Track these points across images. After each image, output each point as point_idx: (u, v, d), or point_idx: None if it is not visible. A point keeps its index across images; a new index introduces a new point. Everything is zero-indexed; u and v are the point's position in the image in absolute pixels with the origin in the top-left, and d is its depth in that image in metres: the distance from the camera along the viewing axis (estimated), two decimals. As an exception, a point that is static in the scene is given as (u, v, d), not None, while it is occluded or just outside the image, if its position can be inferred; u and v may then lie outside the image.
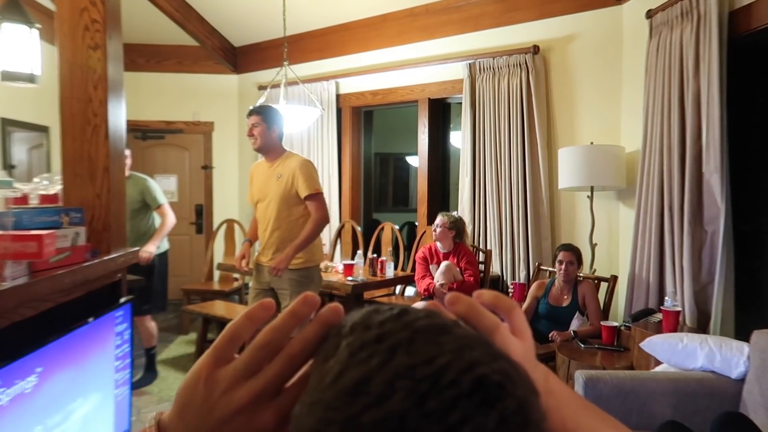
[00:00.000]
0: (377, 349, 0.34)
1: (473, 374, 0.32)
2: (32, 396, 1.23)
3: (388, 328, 0.35)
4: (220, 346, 0.43)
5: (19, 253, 1.28)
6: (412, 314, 0.36)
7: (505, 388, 0.32)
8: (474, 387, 0.31)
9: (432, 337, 0.34)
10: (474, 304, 0.45)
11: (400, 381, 0.32)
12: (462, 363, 0.32)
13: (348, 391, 0.32)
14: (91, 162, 1.89)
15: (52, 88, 1.94)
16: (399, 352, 0.33)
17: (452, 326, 0.36)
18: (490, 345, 0.36)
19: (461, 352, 0.33)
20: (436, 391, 0.31)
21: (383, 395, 0.31)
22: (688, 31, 3.07)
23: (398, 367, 0.32)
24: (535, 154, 4.23)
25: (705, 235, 3.03)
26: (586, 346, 3.15)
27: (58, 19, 1.88)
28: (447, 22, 4.75)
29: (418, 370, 0.32)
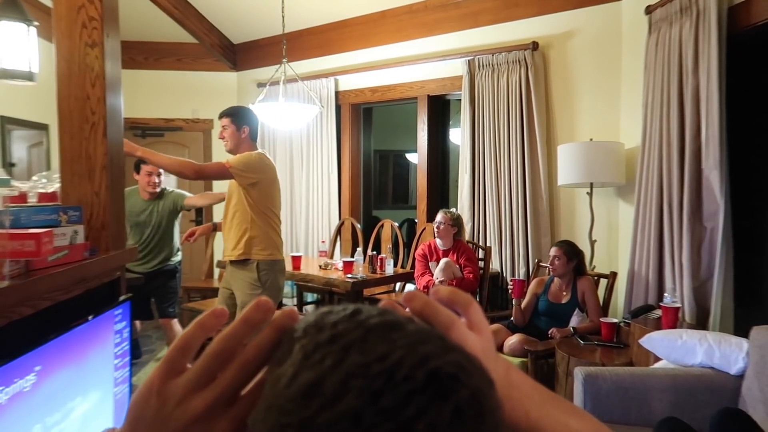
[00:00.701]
0: (330, 350, 0.33)
1: (426, 368, 0.32)
2: (31, 394, 1.23)
3: (341, 328, 0.35)
4: (172, 357, 0.42)
5: (17, 252, 1.28)
6: (365, 313, 0.36)
7: (459, 379, 0.32)
8: (427, 380, 0.31)
9: (385, 334, 0.34)
10: (429, 301, 0.45)
11: (353, 380, 0.31)
12: (415, 357, 0.32)
13: (302, 393, 0.32)
14: (90, 160, 1.89)
15: (50, 86, 1.93)
16: (352, 351, 0.33)
17: (405, 322, 0.36)
18: (443, 338, 0.36)
19: (414, 347, 0.33)
20: (390, 388, 0.31)
21: (337, 395, 0.31)
22: (687, 27, 3.07)
23: (351, 367, 0.32)
24: (534, 150, 4.23)
25: (704, 232, 3.03)
26: (585, 342, 3.16)
27: (56, 17, 1.87)
28: (446, 19, 4.74)
29: (371, 367, 0.32)
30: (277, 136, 5.82)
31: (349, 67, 5.40)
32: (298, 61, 5.29)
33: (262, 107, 4.29)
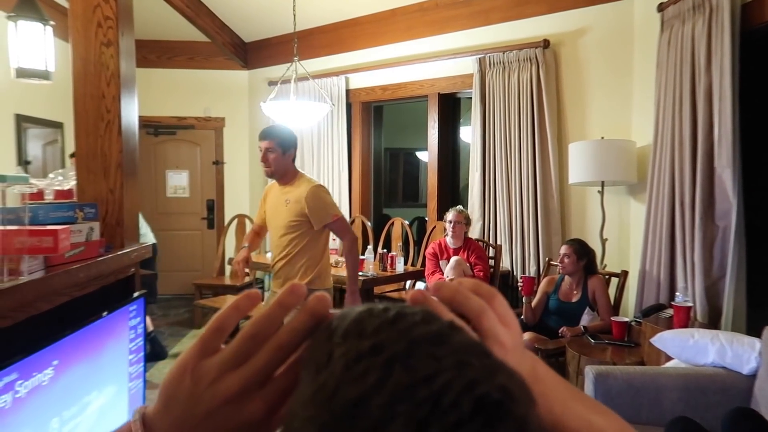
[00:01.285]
0: (373, 363, 0.32)
1: (474, 394, 0.31)
2: (49, 388, 1.25)
3: (383, 338, 0.34)
4: (207, 337, 0.43)
5: (35, 248, 1.30)
6: (408, 319, 0.35)
7: (505, 406, 0.31)
8: (475, 409, 0.30)
9: (430, 348, 0.33)
10: (459, 288, 0.45)
11: (399, 405, 0.30)
12: (462, 381, 0.31)
13: (345, 412, 0.31)
14: (105, 158, 1.92)
15: (66, 85, 1.96)
16: (396, 368, 0.32)
17: (449, 333, 0.35)
18: (487, 355, 0.35)
19: (461, 369, 0.32)
20: (437, 417, 0.30)
21: (382, 420, 0.30)
22: (699, 25, 3.05)
23: (397, 387, 0.31)
24: (545, 149, 4.21)
25: (716, 230, 3.01)
26: (596, 341, 3.15)
27: (72, 16, 1.90)
28: (457, 17, 4.74)
29: (417, 391, 0.31)
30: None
31: (359, 65, 5.42)
32: (309, 60, 5.31)
33: (273, 105, 4.31)
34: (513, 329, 0.47)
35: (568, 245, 3.52)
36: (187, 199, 6.56)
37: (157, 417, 0.43)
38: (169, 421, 0.42)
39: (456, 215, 4.06)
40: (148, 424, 0.43)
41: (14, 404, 1.11)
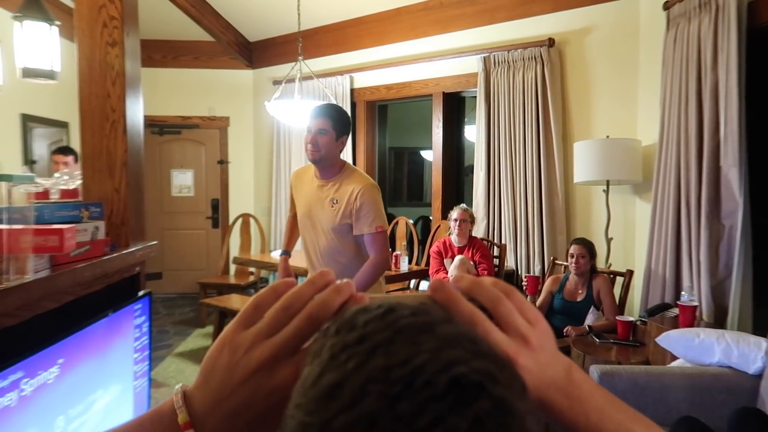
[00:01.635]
0: (356, 351, 0.33)
1: (449, 374, 0.31)
2: (55, 386, 1.26)
3: (370, 329, 0.35)
4: (245, 313, 0.46)
5: (41, 247, 1.31)
6: (397, 312, 0.36)
7: (484, 387, 0.31)
8: (449, 387, 0.31)
9: (412, 336, 0.34)
10: (477, 279, 0.46)
11: (372, 384, 0.31)
12: (438, 363, 0.32)
13: (324, 394, 0.32)
14: (110, 157, 1.92)
15: (71, 85, 1.97)
16: (377, 354, 0.33)
17: (438, 323, 0.35)
18: (476, 343, 0.35)
19: (440, 352, 0.32)
20: (409, 393, 0.30)
21: (355, 398, 0.31)
22: (705, 23, 3.03)
23: (373, 370, 0.32)
24: (550, 147, 4.21)
25: (722, 230, 3.00)
26: (601, 340, 3.14)
27: (77, 16, 1.90)
28: (461, 16, 4.73)
29: (392, 371, 0.31)
30: (292, 133, 5.85)
31: (364, 64, 5.41)
32: (313, 59, 5.31)
33: (277, 105, 4.31)
34: (537, 327, 0.47)
35: (581, 245, 3.49)
36: (191, 198, 6.58)
37: (197, 391, 0.46)
38: (207, 392, 0.45)
39: (461, 213, 4.05)
40: (188, 396, 0.46)
41: (20, 402, 1.12)
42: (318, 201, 2.59)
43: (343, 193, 2.53)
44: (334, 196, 2.54)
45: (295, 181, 2.79)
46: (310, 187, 2.64)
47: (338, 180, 2.57)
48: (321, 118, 2.50)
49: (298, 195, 2.73)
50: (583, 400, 0.47)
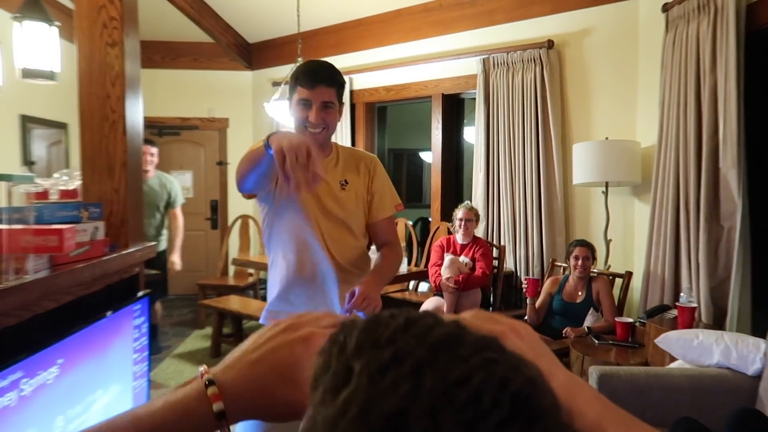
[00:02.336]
0: (400, 373, 0.31)
1: (509, 392, 0.30)
2: (54, 386, 1.26)
3: (401, 345, 0.33)
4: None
5: (41, 247, 1.31)
6: (420, 324, 0.35)
7: (535, 399, 0.31)
8: (513, 407, 0.30)
9: (452, 350, 0.33)
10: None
11: (441, 413, 0.29)
12: (495, 380, 0.31)
13: (384, 427, 0.29)
14: (110, 157, 1.92)
15: (70, 86, 1.97)
16: (426, 374, 0.31)
17: (461, 333, 0.35)
18: (503, 349, 0.35)
19: (490, 367, 0.32)
20: (481, 419, 0.29)
21: (428, 430, 0.29)
22: (704, 25, 3.04)
23: (432, 394, 0.30)
24: (549, 149, 4.21)
25: (721, 231, 3.00)
26: (600, 342, 3.14)
27: (77, 17, 1.90)
28: (461, 17, 4.74)
29: (455, 395, 0.30)
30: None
31: (363, 65, 5.42)
32: (313, 60, 5.30)
33: (276, 106, 4.32)
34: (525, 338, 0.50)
35: (584, 247, 3.49)
36: (191, 199, 6.57)
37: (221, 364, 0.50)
38: (236, 352, 0.50)
39: (466, 213, 4.03)
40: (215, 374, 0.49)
41: (19, 402, 1.12)
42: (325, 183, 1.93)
43: (350, 169, 2.04)
44: (343, 175, 2.02)
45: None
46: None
47: (333, 156, 2.02)
48: (332, 87, 1.87)
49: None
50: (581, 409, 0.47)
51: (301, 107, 1.84)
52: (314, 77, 1.82)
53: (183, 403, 0.47)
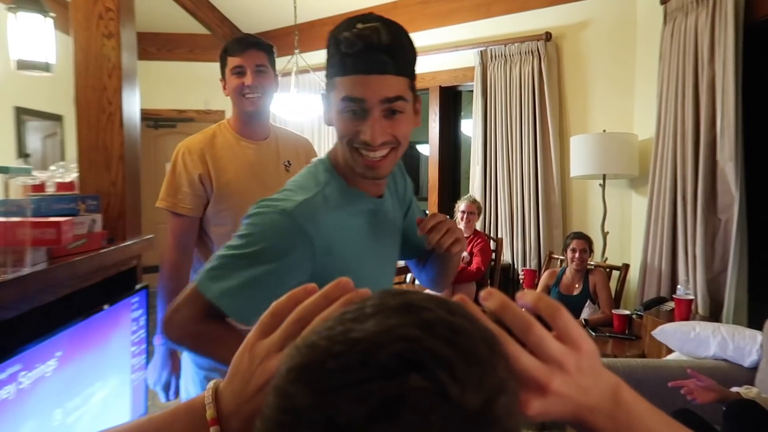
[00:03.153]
0: (342, 318, 0.35)
1: (394, 347, 0.32)
2: (52, 379, 1.26)
3: (369, 303, 0.36)
4: (264, 321, 0.48)
5: (38, 240, 1.30)
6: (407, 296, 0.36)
7: (426, 367, 0.31)
8: (387, 358, 0.31)
9: (392, 313, 0.34)
10: (506, 300, 0.44)
11: (324, 341, 0.33)
12: (389, 336, 0.32)
13: (295, 346, 0.35)
14: (107, 150, 1.91)
15: (66, 77, 1.95)
16: (352, 322, 0.34)
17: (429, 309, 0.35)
18: (456, 333, 0.34)
19: (400, 328, 0.33)
20: (347, 354, 0.32)
21: (307, 350, 0.33)
22: (703, 17, 3.03)
23: (335, 332, 0.34)
24: (546, 142, 4.21)
25: (718, 224, 3.01)
26: (597, 334, 3.16)
27: (73, 8, 1.89)
28: (458, 9, 4.72)
29: (347, 334, 0.33)
30: (288, 127, 5.83)
31: (360, 58, 5.39)
32: (310, 52, 5.28)
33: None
34: (581, 348, 0.44)
35: (582, 240, 3.49)
36: (187, 192, 6.57)
37: (225, 390, 0.49)
38: (231, 393, 0.48)
39: (468, 205, 4.02)
40: (219, 393, 0.48)
41: (18, 395, 1.12)
42: (263, 168, 1.91)
43: (290, 151, 2.01)
44: (285, 156, 1.98)
45: (201, 155, 1.84)
46: (242, 155, 1.90)
47: (273, 137, 2.00)
48: (258, 50, 1.87)
49: (223, 169, 1.85)
50: (631, 425, 0.45)
51: (235, 76, 1.86)
52: (243, 43, 1.87)
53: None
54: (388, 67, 1.05)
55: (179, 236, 1.89)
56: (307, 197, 1.03)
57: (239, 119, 1.94)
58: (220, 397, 0.48)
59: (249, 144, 1.93)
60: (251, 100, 1.86)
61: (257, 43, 1.90)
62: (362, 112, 1.02)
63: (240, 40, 1.88)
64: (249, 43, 1.87)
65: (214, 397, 0.48)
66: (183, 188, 1.84)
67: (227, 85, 1.90)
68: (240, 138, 1.92)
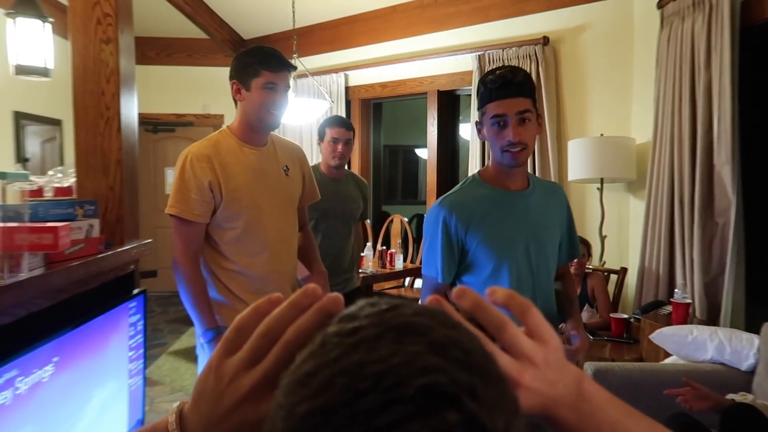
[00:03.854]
0: (343, 342, 0.32)
1: (422, 380, 0.30)
2: (49, 385, 1.26)
3: (366, 323, 0.33)
4: (228, 338, 0.45)
5: (36, 245, 1.30)
6: (401, 310, 0.34)
7: (458, 399, 0.30)
8: (417, 393, 0.29)
9: (401, 335, 0.32)
10: (479, 299, 0.44)
11: (342, 377, 0.30)
12: (414, 367, 0.30)
13: (299, 380, 0.32)
14: (104, 155, 1.92)
15: (64, 82, 1.96)
16: (361, 348, 0.31)
17: (435, 327, 0.33)
18: (469, 353, 0.33)
19: (420, 356, 0.31)
20: (374, 391, 0.29)
21: (322, 388, 0.30)
22: (699, 22, 3.05)
23: (349, 363, 0.31)
24: (544, 145, 4.21)
25: (716, 227, 3.02)
26: (595, 338, 3.16)
27: (71, 13, 1.89)
28: (456, 14, 4.73)
29: (366, 368, 0.30)
30: (287, 131, 5.84)
31: (359, 62, 5.41)
32: (308, 57, 5.30)
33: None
34: (548, 344, 0.46)
35: (583, 245, 3.49)
36: (186, 196, 6.57)
37: (190, 412, 0.45)
38: (198, 416, 0.44)
39: None
40: (183, 417, 0.45)
41: (14, 401, 1.12)
42: (266, 172, 2.02)
43: (287, 157, 2.13)
44: (286, 163, 2.11)
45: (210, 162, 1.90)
46: (246, 160, 1.98)
47: (271, 143, 2.10)
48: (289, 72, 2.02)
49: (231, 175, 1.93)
50: (594, 415, 0.46)
51: (267, 91, 1.94)
52: (282, 62, 1.96)
53: None
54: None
55: (191, 243, 1.92)
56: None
57: (248, 127, 2.00)
58: (185, 421, 0.45)
59: (251, 150, 2.01)
60: (276, 116, 1.98)
61: (292, 66, 2.01)
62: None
63: (280, 59, 1.96)
64: (286, 64, 1.98)
65: (179, 421, 0.45)
66: (192, 195, 1.87)
67: (253, 97, 1.95)
68: (243, 144, 2.00)
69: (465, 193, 1.76)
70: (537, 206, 1.77)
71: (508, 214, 1.72)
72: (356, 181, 3.20)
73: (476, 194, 1.75)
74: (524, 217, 1.73)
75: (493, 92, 1.62)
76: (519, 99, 1.62)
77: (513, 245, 1.69)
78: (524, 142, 1.64)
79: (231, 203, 1.91)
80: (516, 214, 1.72)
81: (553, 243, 1.82)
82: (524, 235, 1.71)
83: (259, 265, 2.00)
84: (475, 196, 1.74)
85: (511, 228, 1.71)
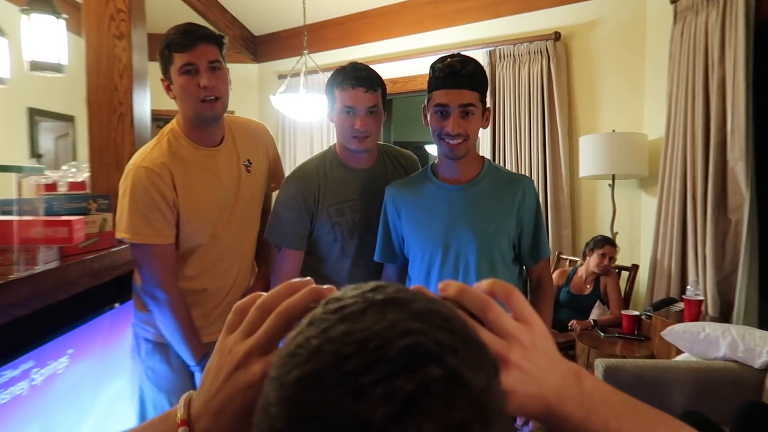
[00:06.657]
0: (330, 318, 0.35)
1: (404, 341, 0.32)
2: (64, 376, 1.27)
3: (351, 301, 0.36)
4: (230, 320, 0.49)
5: (51, 238, 1.32)
6: (384, 289, 0.37)
7: (438, 358, 0.32)
8: (400, 353, 0.31)
9: (384, 308, 0.34)
10: (463, 286, 0.46)
11: (329, 344, 0.32)
12: (397, 331, 0.32)
13: (288, 353, 0.34)
14: (117, 150, 1.93)
15: (78, 78, 1.98)
16: (346, 321, 0.34)
17: (416, 300, 0.36)
18: (448, 320, 0.35)
19: (402, 323, 0.33)
20: (360, 354, 0.31)
21: (310, 356, 0.33)
22: (713, 16, 3.02)
23: (335, 333, 0.33)
24: (555, 142, 4.19)
25: (729, 224, 2.99)
26: (606, 335, 3.14)
27: (85, 9, 1.91)
28: (467, 9, 4.71)
29: (351, 335, 0.32)
30: (297, 127, 5.85)
31: (369, 58, 5.40)
32: (318, 53, 5.30)
33: (282, 99, 4.32)
34: (535, 329, 0.46)
35: (610, 246, 3.47)
36: (197, 192, 6.59)
37: (197, 393, 0.48)
38: (202, 394, 0.47)
39: None
40: (192, 399, 0.48)
41: (30, 391, 1.13)
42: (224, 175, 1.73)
43: (248, 150, 1.81)
44: (242, 157, 1.79)
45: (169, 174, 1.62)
46: (201, 166, 1.70)
47: (229, 137, 1.79)
48: (207, 44, 1.61)
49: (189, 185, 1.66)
50: (598, 409, 0.45)
51: (185, 75, 1.59)
52: (191, 35, 1.57)
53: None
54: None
55: (168, 266, 1.61)
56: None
57: (192, 125, 1.69)
58: (192, 402, 0.48)
59: (206, 152, 1.71)
60: (210, 104, 1.62)
61: (207, 35, 1.59)
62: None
63: (186, 32, 1.58)
64: (198, 36, 1.57)
65: (187, 402, 0.48)
66: (155, 215, 1.57)
67: (174, 87, 1.63)
68: (196, 146, 1.70)
69: (407, 182, 1.77)
70: (480, 199, 1.66)
71: (436, 206, 1.66)
72: (396, 159, 2.01)
73: (415, 185, 1.74)
74: (457, 210, 1.64)
75: (440, 80, 1.64)
76: (464, 91, 1.59)
77: (436, 239, 1.63)
78: (464, 134, 1.59)
79: (190, 216, 1.65)
80: (445, 207, 1.65)
81: (499, 238, 1.64)
82: (454, 228, 1.62)
83: (211, 279, 1.74)
84: (414, 186, 1.73)
85: (437, 222, 1.64)
